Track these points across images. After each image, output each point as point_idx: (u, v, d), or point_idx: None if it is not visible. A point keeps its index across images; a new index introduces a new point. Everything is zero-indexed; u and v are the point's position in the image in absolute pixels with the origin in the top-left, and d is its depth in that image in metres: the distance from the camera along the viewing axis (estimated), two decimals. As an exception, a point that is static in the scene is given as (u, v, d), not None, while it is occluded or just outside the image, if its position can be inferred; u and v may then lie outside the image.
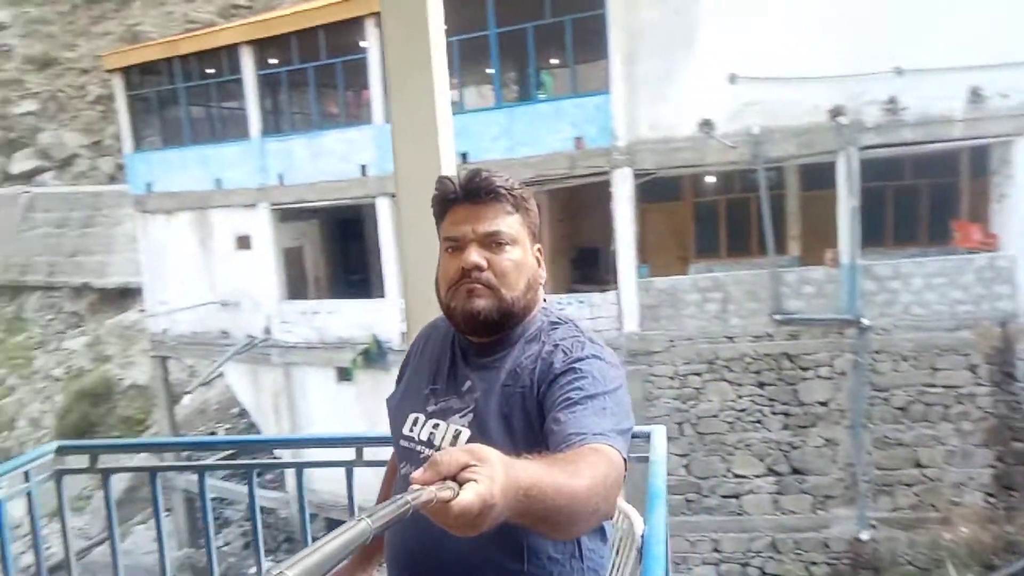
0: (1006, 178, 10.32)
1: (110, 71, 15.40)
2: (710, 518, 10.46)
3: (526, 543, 1.19)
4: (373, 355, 12.70)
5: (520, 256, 1.28)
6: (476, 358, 1.31)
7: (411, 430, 1.31)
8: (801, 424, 10.28)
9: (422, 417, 1.31)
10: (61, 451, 2.63)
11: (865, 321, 10.00)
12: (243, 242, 13.85)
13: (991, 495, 9.73)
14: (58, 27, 28.44)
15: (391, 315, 12.74)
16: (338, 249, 15.69)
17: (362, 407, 13.00)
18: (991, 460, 9.76)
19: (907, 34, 9.80)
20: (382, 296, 12.96)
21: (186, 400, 16.54)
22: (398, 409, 1.37)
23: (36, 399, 17.94)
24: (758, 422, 10.37)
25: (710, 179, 12.18)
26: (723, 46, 10.53)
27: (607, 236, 11.75)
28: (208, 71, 14.39)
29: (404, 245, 2.12)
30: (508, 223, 1.27)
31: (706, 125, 10.79)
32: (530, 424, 1.21)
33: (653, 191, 11.54)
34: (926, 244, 11.69)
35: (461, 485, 0.80)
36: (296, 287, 14.12)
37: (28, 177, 23.82)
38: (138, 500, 13.72)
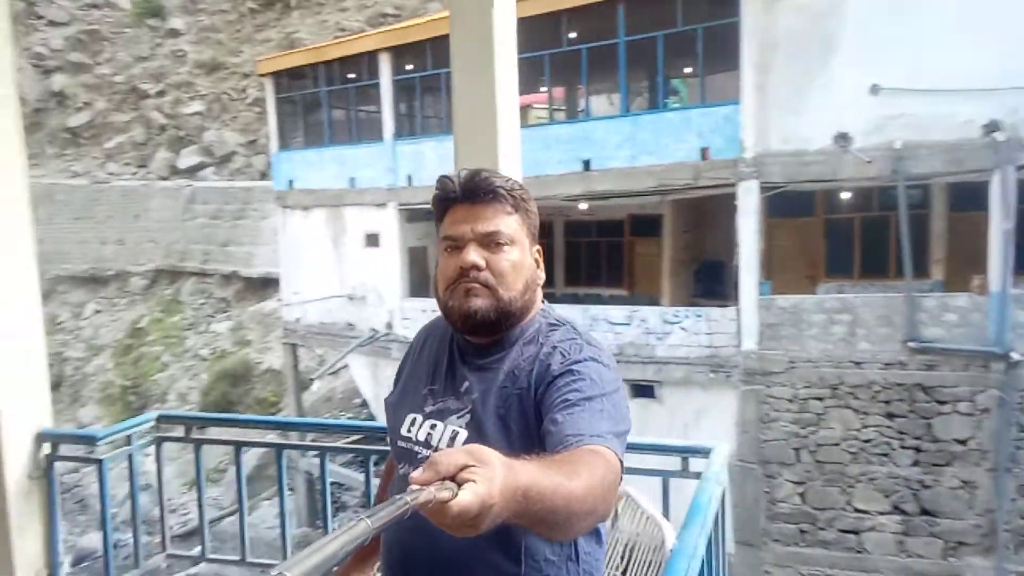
0: None
1: (263, 75, 16.66)
2: (825, 552, 9.92)
3: (523, 544, 1.19)
4: (487, 356, 13.00)
5: (518, 257, 1.28)
6: (474, 359, 1.31)
7: (409, 431, 1.31)
8: (934, 462, 9.54)
9: (420, 417, 1.31)
10: (161, 420, 2.91)
11: (1016, 355, 9.15)
12: (372, 239, 14.56)
13: None
14: (226, 34, 31.02)
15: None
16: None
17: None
18: None
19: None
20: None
21: (314, 387, 17.59)
22: (396, 409, 1.37)
23: (185, 376, 19.67)
24: (885, 455, 9.73)
25: (845, 195, 11.56)
26: (866, 55, 9.98)
27: (731, 250, 11.43)
28: (349, 76, 15.25)
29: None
30: (507, 223, 1.27)
31: (842, 138, 10.27)
32: (527, 425, 1.21)
33: (782, 205, 11.10)
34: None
35: (460, 486, 0.81)
36: (418, 285, 14.67)
37: (192, 172, 26.16)
38: (265, 478, 14.71)
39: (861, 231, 11.93)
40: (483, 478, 0.81)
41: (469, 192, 1.28)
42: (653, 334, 11.67)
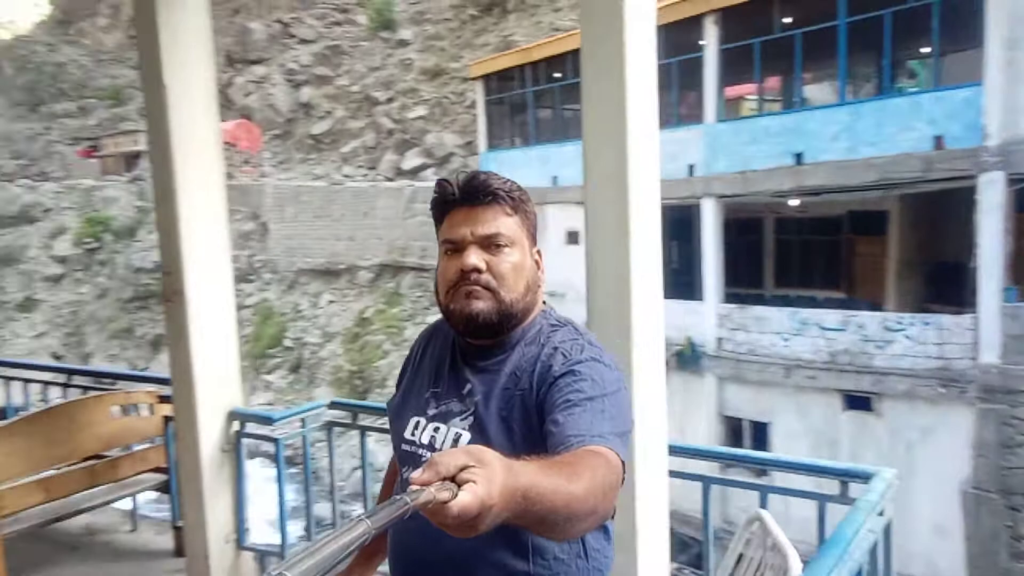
0: None
1: (474, 78, 17.60)
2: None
3: (531, 542, 1.20)
4: (686, 357, 12.75)
5: (519, 258, 1.29)
6: (477, 361, 1.31)
7: (412, 434, 1.32)
8: None
9: (423, 420, 1.32)
10: (332, 406, 3.24)
11: None
12: (572, 237, 14.84)
13: None
14: (448, 41, 33.10)
15: (708, 318, 12.65)
16: (665, 247, 15.92)
17: (671, 409, 13.11)
18: None
19: None
20: (701, 299, 12.90)
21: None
22: (399, 413, 1.38)
23: (400, 364, 21.36)
24: None
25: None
26: None
27: (969, 251, 10.23)
28: (555, 75, 15.65)
29: (589, 252, 2.22)
30: (507, 225, 1.28)
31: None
32: (530, 426, 1.21)
33: (1035, 199, 9.73)
34: None
35: (459, 486, 0.81)
36: (619, 283, 14.72)
37: (414, 173, 28.29)
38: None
39: None
40: (483, 479, 0.82)
41: (468, 194, 1.28)
42: (872, 342, 10.77)
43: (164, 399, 3.44)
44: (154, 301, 28.96)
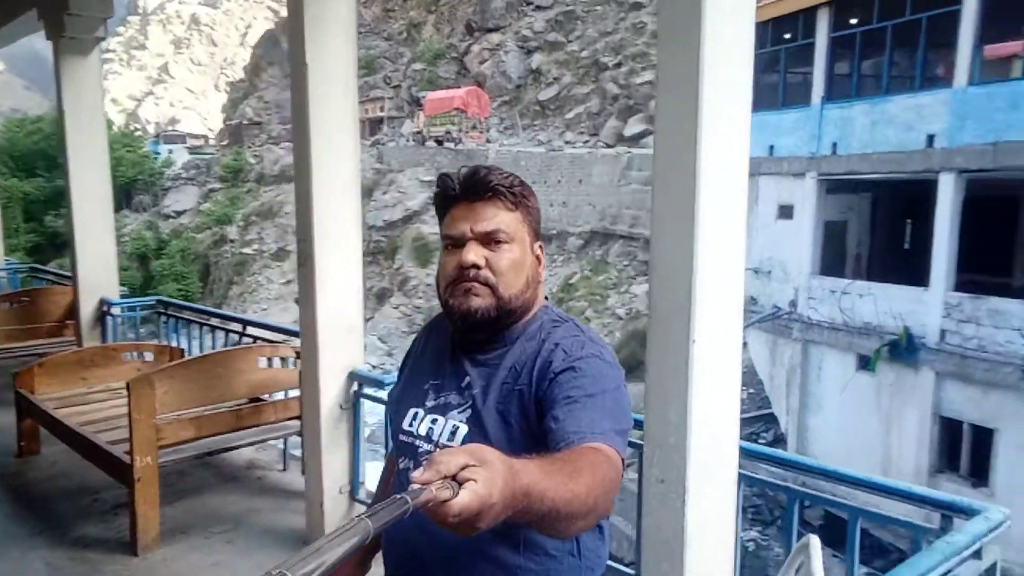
0: None
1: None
2: None
3: (524, 537, 1.23)
4: (901, 348, 11.79)
5: (519, 254, 1.31)
6: (476, 354, 1.34)
7: (410, 425, 1.35)
8: None
9: (421, 412, 1.35)
10: None
11: None
12: (785, 211, 14.19)
13: None
14: (684, 3, 32.37)
15: (932, 307, 11.58)
16: (889, 227, 14.69)
17: (879, 402, 12.24)
18: None
19: None
20: (925, 285, 11.79)
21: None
22: (399, 404, 1.42)
23: (602, 332, 21.72)
24: None
25: None
26: None
27: None
28: (784, 36, 14.87)
29: (653, 241, 2.19)
30: (507, 221, 1.30)
31: None
32: (527, 421, 1.24)
33: None
34: None
35: (460, 485, 0.83)
36: (831, 263, 13.86)
37: (635, 139, 28.27)
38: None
39: None
40: (484, 478, 0.84)
41: (468, 190, 1.31)
42: None
43: None
44: (383, 257, 31.88)
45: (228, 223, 38.28)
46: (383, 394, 3.34)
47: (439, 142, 34.03)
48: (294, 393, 3.91)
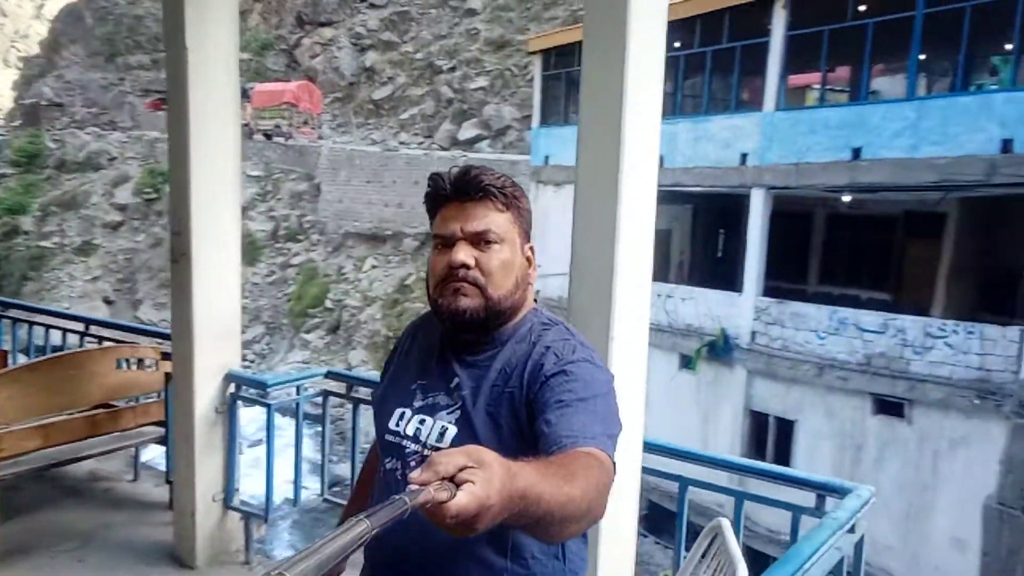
0: None
1: (532, 53, 17.78)
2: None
3: (512, 540, 1.23)
4: (718, 348, 12.82)
5: (508, 255, 1.31)
6: (465, 355, 1.34)
7: (397, 424, 1.34)
8: None
9: (409, 412, 1.34)
10: (329, 375, 3.36)
11: None
12: (618, 218, 14.96)
13: None
14: (516, 13, 33.24)
15: (745, 311, 12.69)
16: (707, 237, 15.95)
17: (698, 398, 13.23)
18: None
19: None
20: (739, 290, 12.92)
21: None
22: (384, 402, 1.40)
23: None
24: None
25: None
26: None
27: (1027, 261, 10.08)
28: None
29: (575, 241, 2.25)
30: (497, 221, 1.30)
31: None
32: (517, 424, 1.24)
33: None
34: None
35: (458, 487, 0.83)
36: (657, 269, 14.70)
37: (470, 143, 28.66)
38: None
39: None
40: (481, 480, 0.84)
41: (459, 190, 1.31)
42: (910, 347, 10.69)
43: (166, 356, 3.52)
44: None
45: (22, 213, 34.42)
46: (263, 395, 3.21)
47: (268, 136, 32.63)
48: (153, 397, 3.66)
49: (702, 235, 16.17)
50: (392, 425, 1.35)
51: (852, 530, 2.07)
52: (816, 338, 11.75)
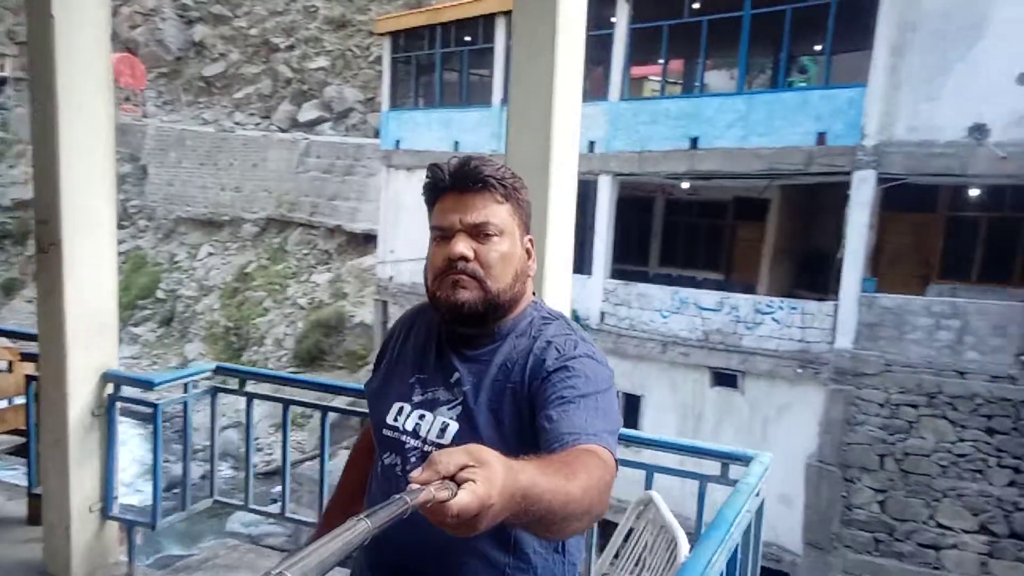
0: None
1: (381, 34, 17.47)
2: (899, 564, 9.70)
3: (513, 535, 1.23)
4: (571, 329, 13.28)
5: (508, 248, 1.29)
6: (465, 350, 1.33)
7: (395, 419, 1.33)
8: (1033, 486, 9.13)
9: (407, 407, 1.33)
10: (218, 371, 3.17)
11: None
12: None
13: None
14: (358, -9, 32.38)
15: (594, 293, 13.21)
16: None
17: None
18: None
19: None
20: (589, 273, 13.45)
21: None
22: (380, 397, 1.39)
23: (283, 322, 21.06)
24: (979, 472, 9.37)
25: (973, 192, 11.02)
26: (1016, 40, 9.47)
27: (838, 242, 11.18)
28: (465, 38, 15.76)
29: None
30: (497, 213, 1.29)
31: (978, 131, 9.83)
32: (520, 419, 1.23)
33: (900, 199, 10.73)
34: None
35: (459, 485, 0.82)
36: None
37: (311, 126, 27.68)
38: (347, 427, 15.66)
39: (986, 232, 11.34)
40: (482, 478, 0.83)
41: (458, 181, 1.29)
42: (743, 323, 11.61)
43: (27, 356, 3.22)
44: (9, 242, 27.18)
45: None
46: (146, 395, 3.01)
47: (82, 112, 29.84)
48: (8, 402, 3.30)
49: (551, 220, 16.64)
50: (390, 420, 1.33)
51: (758, 495, 2.20)
52: (660, 317, 12.48)
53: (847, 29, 11.09)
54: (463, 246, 1.26)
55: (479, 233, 1.27)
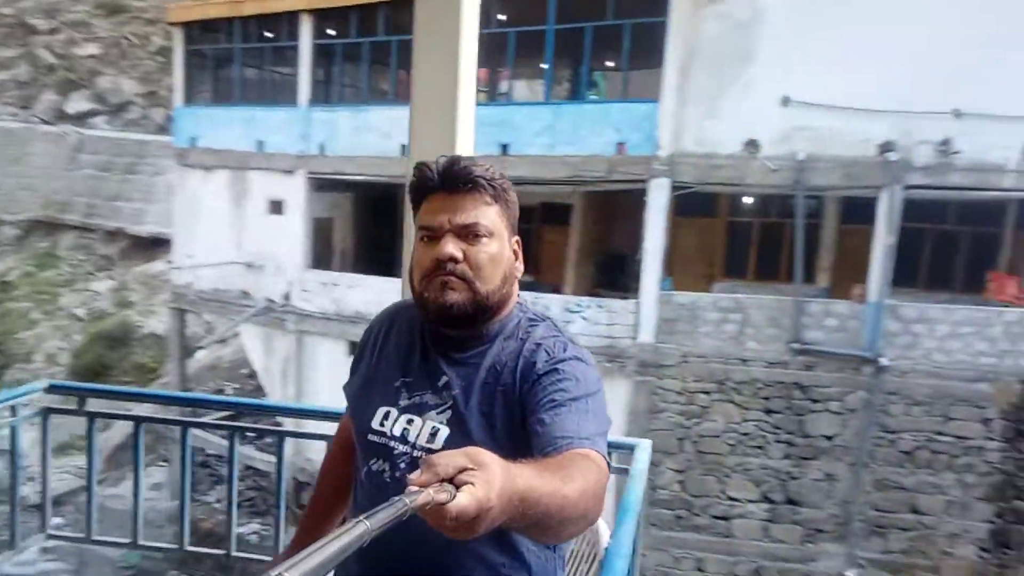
0: (1050, 235, 10.49)
1: (173, 24, 16.32)
2: (697, 536, 10.77)
3: (509, 535, 1.24)
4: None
5: (497, 249, 1.29)
6: (452, 352, 1.32)
7: (382, 424, 1.31)
8: (803, 455, 10.54)
9: (394, 411, 1.31)
10: (51, 390, 2.91)
11: (884, 361, 10.22)
12: (276, 207, 14.56)
13: (985, 550, 9.90)
14: (130, -25, 29.83)
15: (409, 296, 13.28)
16: (368, 225, 16.34)
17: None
18: (990, 515, 9.94)
19: (969, 78, 9.97)
20: (400, 276, 13.49)
21: (199, 355, 17.33)
22: (363, 401, 1.38)
23: (55, 335, 18.95)
24: (760, 448, 10.65)
25: (748, 200, 12.50)
26: (780, 67, 10.83)
27: (636, 244, 12.15)
28: (266, 34, 15.18)
29: (408, 228, 2.31)
30: (486, 214, 1.28)
31: (751, 145, 11.13)
32: (512, 422, 1.24)
33: (689, 205, 11.91)
34: (958, 292, 11.87)
35: (457, 488, 0.83)
36: (321, 257, 14.78)
37: (81, 119, 25.11)
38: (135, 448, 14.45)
39: (759, 235, 12.92)
40: (481, 481, 0.84)
41: (448, 181, 1.28)
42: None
43: None
44: None
45: None
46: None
47: None
48: None
49: (364, 223, 16.47)
50: (376, 425, 1.31)
51: (626, 473, 2.35)
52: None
53: (642, 48, 12.10)
54: (453, 247, 1.25)
55: (468, 234, 1.27)
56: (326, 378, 14.00)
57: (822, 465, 10.46)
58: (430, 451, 1.23)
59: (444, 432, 1.25)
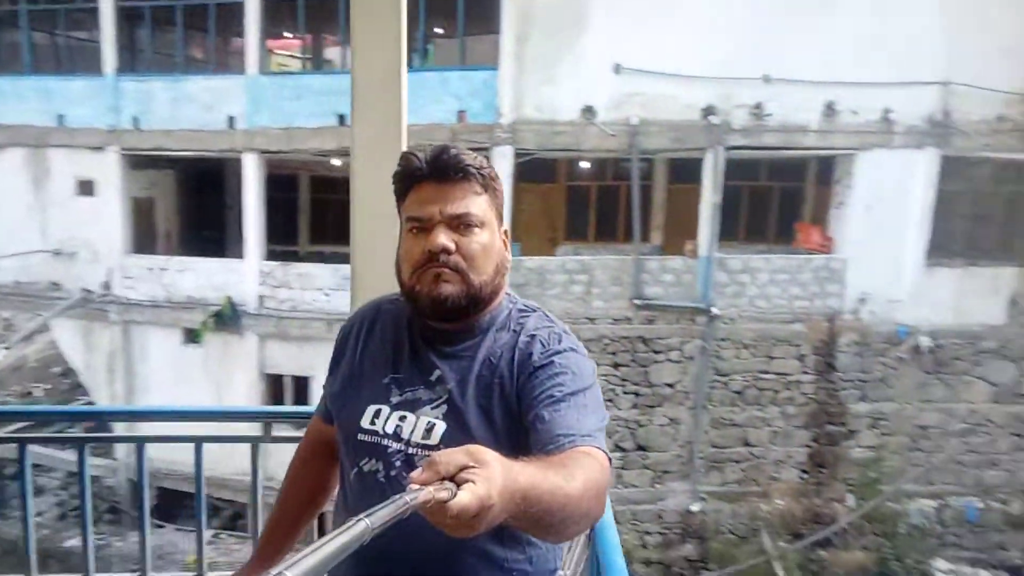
0: (846, 188, 11.91)
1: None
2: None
3: (510, 529, 1.19)
4: (226, 317, 12.65)
5: (488, 239, 1.28)
6: (442, 346, 1.30)
7: (373, 423, 1.29)
8: (649, 404, 11.38)
9: (385, 409, 1.29)
10: None
11: (715, 310, 11.22)
12: (86, 187, 13.33)
13: (805, 472, 11.31)
14: None
15: (249, 277, 12.75)
16: (194, 203, 15.37)
17: (208, 371, 12.89)
18: (808, 440, 11.33)
19: (777, 45, 11.01)
20: (240, 256, 12.89)
21: None
22: (349, 401, 1.34)
23: None
24: (610, 401, 11.35)
25: (585, 164, 13.06)
26: (611, 35, 11.36)
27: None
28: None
29: (356, 214, 2.17)
30: (477, 204, 1.27)
31: (588, 111, 11.62)
32: (509, 415, 1.23)
33: (531, 171, 12.25)
34: (773, 242, 13.22)
35: (459, 486, 0.83)
36: (143, 240, 13.76)
37: None
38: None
39: (597, 198, 13.59)
40: (482, 479, 0.84)
41: (437, 170, 1.26)
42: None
43: None
44: None
45: None
46: None
47: None
48: None
49: (190, 202, 15.44)
50: (366, 424, 1.29)
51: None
52: (323, 296, 12.54)
53: (478, 15, 12.19)
54: (445, 237, 1.24)
55: (460, 224, 1.25)
56: (160, 370, 13.14)
57: (666, 411, 11.35)
58: (426, 447, 1.24)
59: (440, 427, 1.24)
